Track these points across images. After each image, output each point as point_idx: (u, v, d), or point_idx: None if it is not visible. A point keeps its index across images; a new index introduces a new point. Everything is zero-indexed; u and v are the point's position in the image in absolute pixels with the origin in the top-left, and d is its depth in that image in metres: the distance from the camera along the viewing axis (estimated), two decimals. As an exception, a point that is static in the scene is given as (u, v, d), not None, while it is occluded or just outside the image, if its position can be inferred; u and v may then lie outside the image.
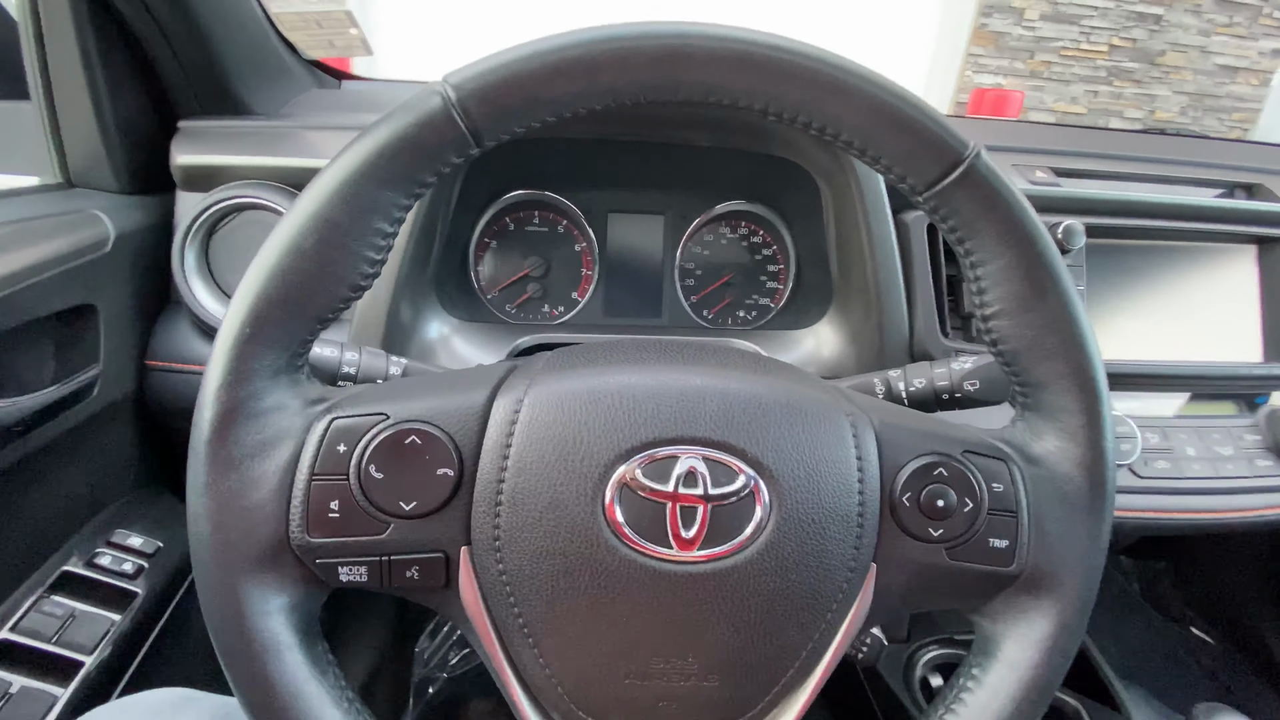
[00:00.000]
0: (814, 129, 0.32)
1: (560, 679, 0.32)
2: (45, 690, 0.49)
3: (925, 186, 0.32)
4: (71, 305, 0.56)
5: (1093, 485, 0.34)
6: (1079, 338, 0.33)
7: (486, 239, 0.73)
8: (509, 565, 0.31)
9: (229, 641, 0.30)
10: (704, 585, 0.31)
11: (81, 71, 0.61)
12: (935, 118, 0.31)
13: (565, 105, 0.31)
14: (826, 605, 0.32)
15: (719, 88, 0.31)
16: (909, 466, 0.33)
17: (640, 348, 0.36)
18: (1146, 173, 0.75)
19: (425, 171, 0.31)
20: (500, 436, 0.31)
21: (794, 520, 0.31)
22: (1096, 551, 0.34)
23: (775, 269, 0.75)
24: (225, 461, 0.30)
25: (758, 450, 0.31)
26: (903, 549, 0.33)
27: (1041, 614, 0.34)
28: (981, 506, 0.33)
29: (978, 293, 0.34)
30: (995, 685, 0.34)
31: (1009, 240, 0.32)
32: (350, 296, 0.31)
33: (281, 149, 0.64)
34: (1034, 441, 0.35)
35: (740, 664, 0.32)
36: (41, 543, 0.58)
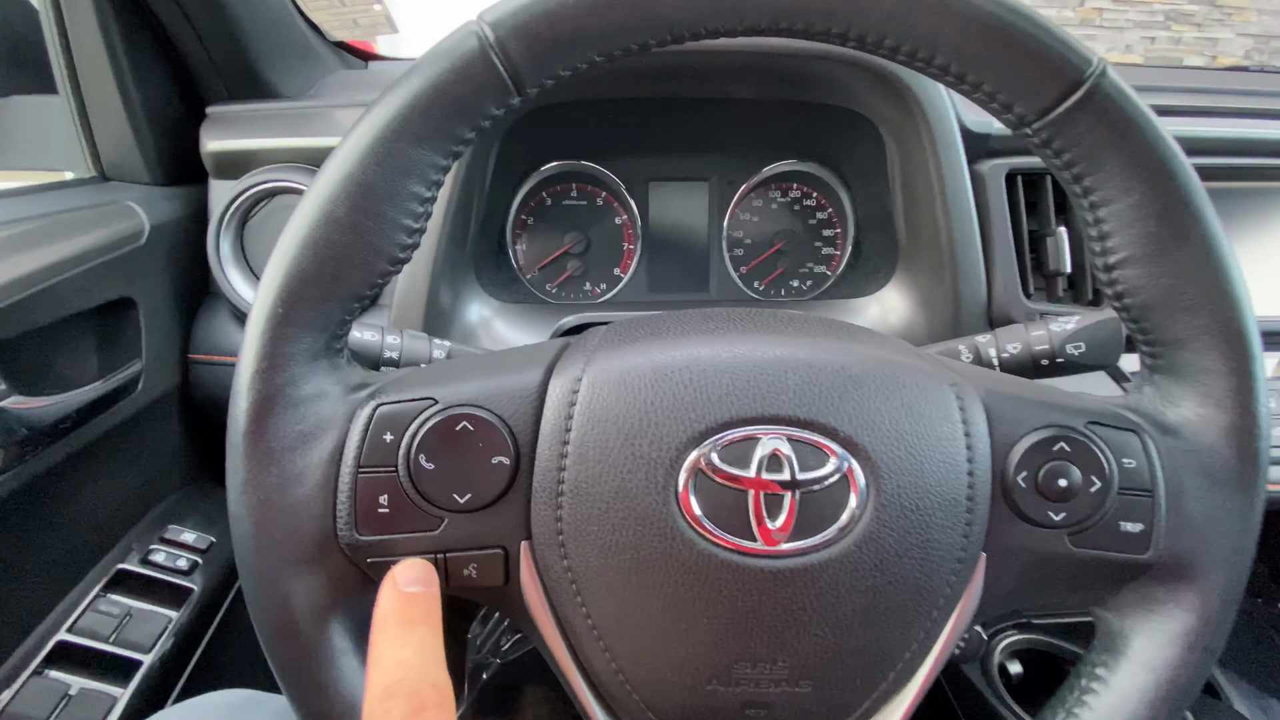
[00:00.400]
0: (903, 53, 0.27)
1: (635, 684, 0.29)
2: (105, 691, 0.49)
3: (1037, 114, 0.27)
4: (110, 299, 0.55)
5: (1243, 457, 0.29)
6: (1227, 286, 0.28)
7: (524, 216, 0.70)
8: (574, 561, 0.28)
9: (280, 649, 0.28)
10: (793, 582, 0.27)
11: (107, 62, 0.60)
12: (1052, 29, 0.26)
13: (616, 40, 0.27)
14: (932, 602, 0.29)
15: (792, 9, 0.27)
16: (1024, 442, 0.29)
17: (708, 318, 0.32)
18: (1242, 106, 0.68)
19: (463, 125, 0.28)
20: (558, 420, 0.28)
21: (894, 507, 0.28)
22: (1247, 534, 0.30)
23: (831, 234, 0.71)
24: (264, 455, 0.27)
25: (850, 428, 0.28)
26: (1018, 536, 0.30)
27: (1180, 607, 0.30)
28: (1110, 485, 0.29)
29: (1099, 238, 0.29)
30: (1126, 688, 0.30)
31: (1141, 173, 0.27)
32: (389, 270, 0.29)
33: (312, 130, 0.63)
34: (1168, 409, 0.30)
35: (835, 668, 0.29)
36: (95, 541, 0.58)
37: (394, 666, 0.23)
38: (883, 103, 0.58)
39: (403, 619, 0.25)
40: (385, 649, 0.24)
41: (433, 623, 0.25)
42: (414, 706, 0.22)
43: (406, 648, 0.24)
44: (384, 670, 0.23)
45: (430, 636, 0.25)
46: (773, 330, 0.31)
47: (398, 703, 0.22)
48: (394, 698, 0.22)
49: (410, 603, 0.25)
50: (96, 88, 0.61)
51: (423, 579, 0.27)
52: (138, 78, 0.62)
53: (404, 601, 0.25)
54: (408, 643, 0.24)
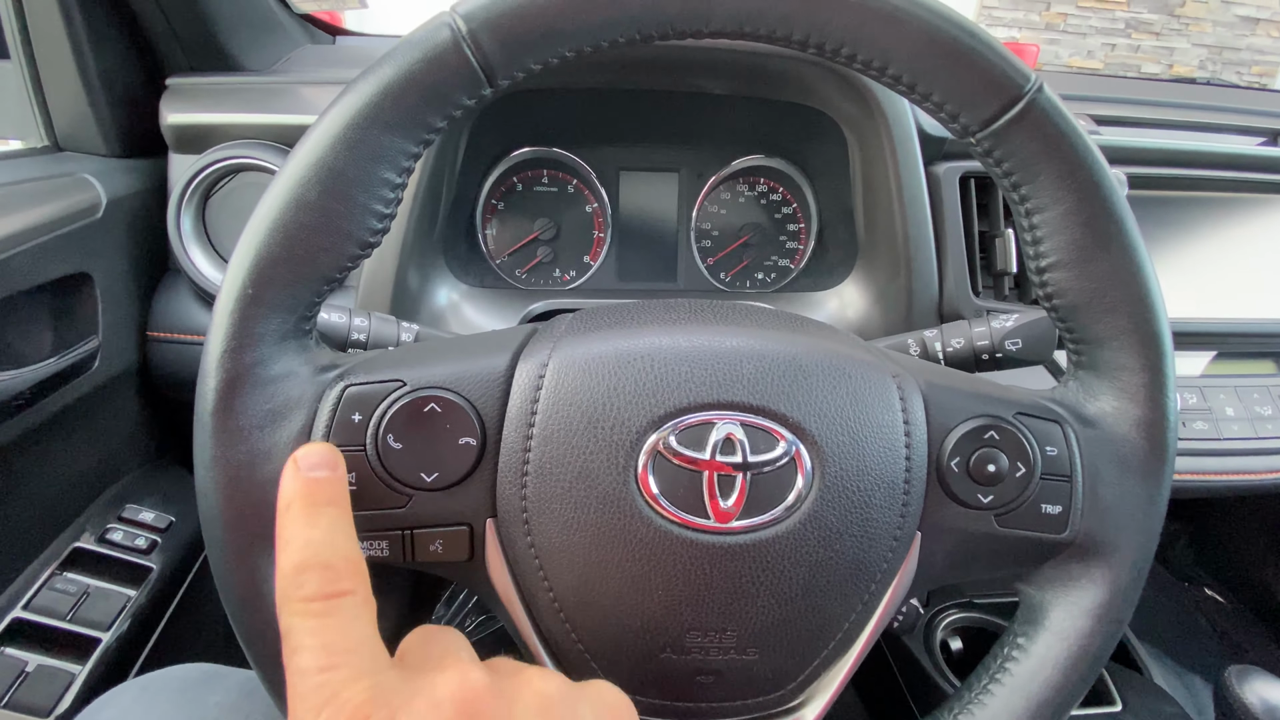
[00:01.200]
0: (859, 63, 0.29)
1: (593, 653, 0.31)
2: (62, 668, 0.49)
3: (980, 125, 0.29)
4: (65, 274, 0.54)
5: (1153, 447, 0.32)
6: (1144, 291, 0.30)
7: (494, 201, 0.70)
8: (538, 538, 0.29)
9: (248, 621, 0.29)
10: (743, 557, 0.29)
11: (63, 27, 0.58)
12: (995, 48, 0.28)
13: (587, 37, 0.28)
14: (870, 576, 0.31)
15: (755, 15, 0.28)
16: (958, 430, 0.31)
17: (670, 308, 0.34)
18: (1184, 120, 0.72)
19: (435, 115, 0.28)
20: (525, 403, 0.29)
21: (837, 488, 0.30)
22: (1154, 517, 0.33)
23: (795, 228, 0.73)
24: (233, 433, 0.28)
25: (799, 415, 0.29)
26: (950, 517, 0.32)
27: (1093, 582, 0.33)
28: (1034, 471, 0.32)
29: (1033, 243, 0.31)
30: (1044, 655, 0.33)
31: (1071, 184, 0.29)
32: (358, 254, 0.29)
33: (277, 105, 0.61)
34: (1089, 402, 0.33)
35: (780, 637, 0.31)
36: (51, 519, 0.57)
37: (303, 545, 0.22)
38: (846, 103, 0.60)
39: (308, 501, 0.24)
40: (292, 531, 0.23)
41: (340, 504, 0.24)
42: (329, 578, 0.21)
43: (315, 529, 0.23)
44: (293, 550, 0.22)
45: (339, 517, 0.24)
46: (730, 322, 0.32)
47: (311, 575, 0.21)
48: (307, 571, 0.21)
49: (315, 486, 0.24)
50: (51, 53, 0.59)
51: (327, 463, 0.25)
52: (95, 44, 0.60)
53: (308, 485, 0.24)
54: (316, 524, 0.23)
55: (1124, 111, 0.70)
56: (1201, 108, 0.76)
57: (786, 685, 0.32)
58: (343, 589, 0.22)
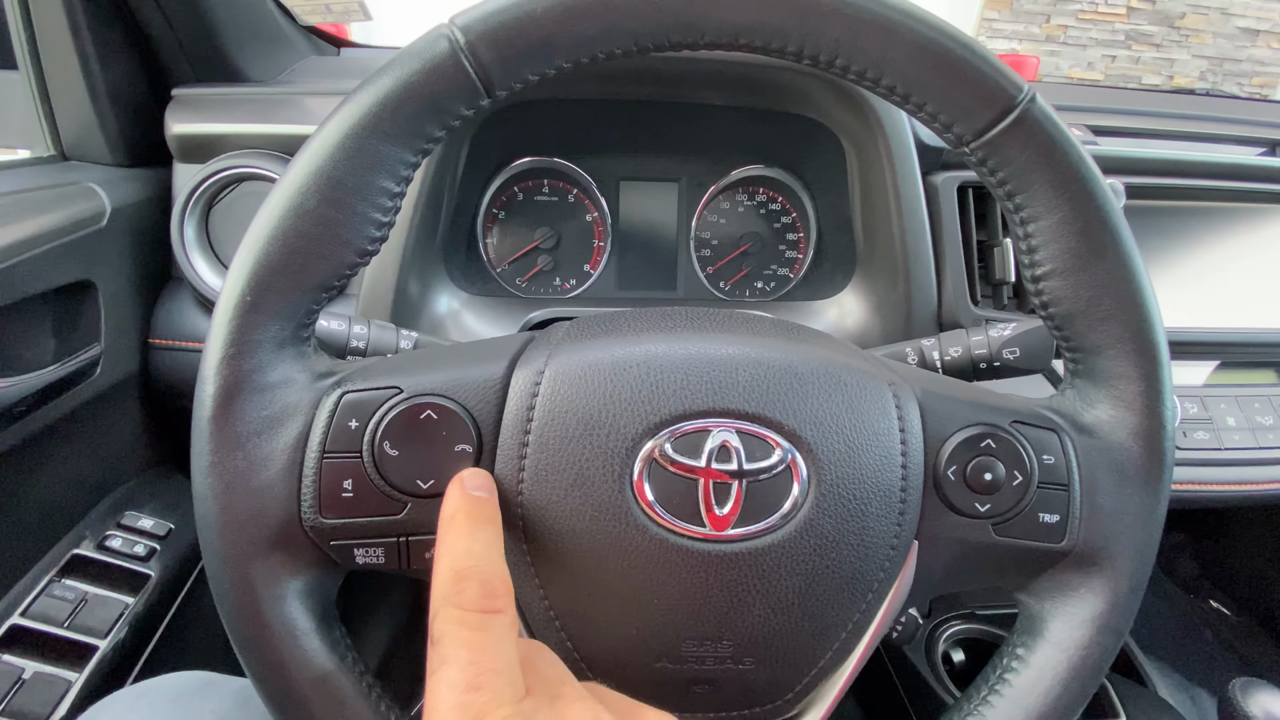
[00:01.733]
0: (853, 73, 0.29)
1: (590, 663, 0.31)
2: (59, 675, 0.49)
3: (974, 135, 0.29)
4: (69, 281, 0.54)
5: (1150, 456, 0.32)
6: (1139, 299, 0.30)
7: (495, 209, 0.71)
8: (533, 545, 0.29)
9: (243, 628, 0.29)
10: (739, 565, 0.29)
11: (70, 39, 0.59)
12: (988, 58, 0.28)
13: (583, 49, 0.28)
14: (867, 585, 0.31)
15: (750, 28, 0.28)
16: (955, 438, 0.31)
17: (666, 316, 0.34)
18: (1182, 130, 0.72)
19: (433, 125, 0.29)
20: (520, 410, 0.29)
21: (833, 496, 0.29)
22: (1152, 526, 0.32)
23: (794, 237, 0.73)
24: (230, 439, 0.28)
25: (794, 422, 0.29)
26: (947, 525, 0.32)
27: (1092, 592, 0.32)
28: (1031, 480, 0.31)
29: (1028, 251, 0.31)
30: (1043, 666, 0.32)
31: (1065, 193, 0.29)
32: (357, 262, 0.29)
33: (281, 116, 0.62)
34: (1085, 410, 0.33)
35: (777, 647, 0.31)
36: (50, 526, 0.57)
37: (465, 554, 0.23)
38: (844, 114, 0.60)
39: (471, 517, 0.25)
40: (455, 540, 0.24)
41: (497, 526, 0.26)
42: (486, 591, 0.22)
43: (476, 542, 0.24)
44: (456, 557, 0.23)
45: (496, 538, 0.25)
46: (725, 329, 0.32)
47: (471, 585, 0.22)
48: (467, 580, 0.22)
49: (477, 504, 0.26)
50: (59, 65, 0.60)
51: (486, 486, 0.27)
52: (102, 56, 0.60)
53: (472, 502, 0.26)
54: (477, 538, 0.24)
55: (1122, 122, 0.70)
56: (1200, 118, 0.76)
57: (784, 695, 0.32)
58: (497, 606, 0.22)
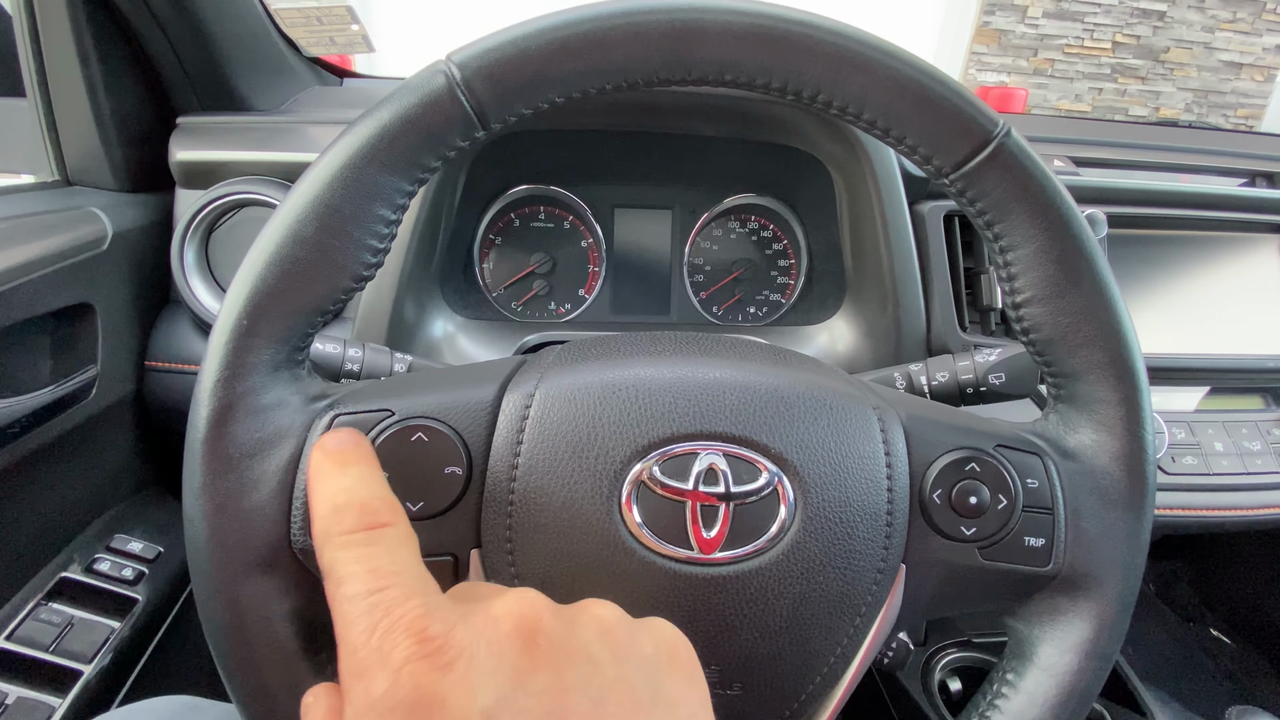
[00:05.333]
0: (835, 108, 0.30)
1: None
2: (42, 701, 0.48)
3: (953, 167, 0.30)
4: (68, 304, 0.55)
5: (1132, 480, 0.32)
6: (1116, 325, 0.31)
7: (491, 235, 0.72)
8: (521, 568, 0.30)
9: (229, 650, 0.29)
10: (726, 588, 0.29)
11: (78, 67, 0.60)
12: (964, 94, 0.30)
13: (574, 84, 0.29)
14: (855, 608, 0.31)
15: (735, 64, 0.29)
16: (939, 462, 0.32)
17: (655, 341, 0.34)
18: (1165, 161, 0.74)
19: (429, 155, 0.29)
20: (510, 434, 0.30)
21: (820, 519, 0.30)
22: (1138, 549, 0.33)
23: (786, 264, 0.74)
24: (223, 461, 0.28)
25: (781, 446, 0.30)
26: (934, 549, 0.32)
27: (1080, 616, 0.32)
28: (1016, 504, 0.32)
29: (1008, 279, 0.32)
30: (1032, 691, 0.32)
31: (1041, 223, 0.30)
32: (352, 288, 0.30)
33: (282, 144, 0.63)
34: (1069, 435, 0.33)
35: (764, 671, 0.30)
36: (39, 548, 0.56)
37: (336, 491, 0.23)
38: (833, 146, 0.62)
39: (337, 460, 0.24)
40: (324, 483, 0.23)
41: (368, 461, 0.24)
42: (366, 512, 0.22)
43: (346, 478, 0.23)
44: (326, 495, 0.22)
45: (369, 469, 0.24)
46: (713, 354, 0.33)
47: (348, 512, 0.22)
48: (344, 510, 0.22)
49: (340, 451, 0.25)
50: (66, 92, 0.61)
51: (349, 439, 0.26)
52: (108, 84, 0.62)
53: (333, 455, 0.24)
54: (347, 474, 0.23)
55: (1104, 154, 0.72)
56: (1181, 150, 0.78)
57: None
58: (382, 521, 0.22)
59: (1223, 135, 0.92)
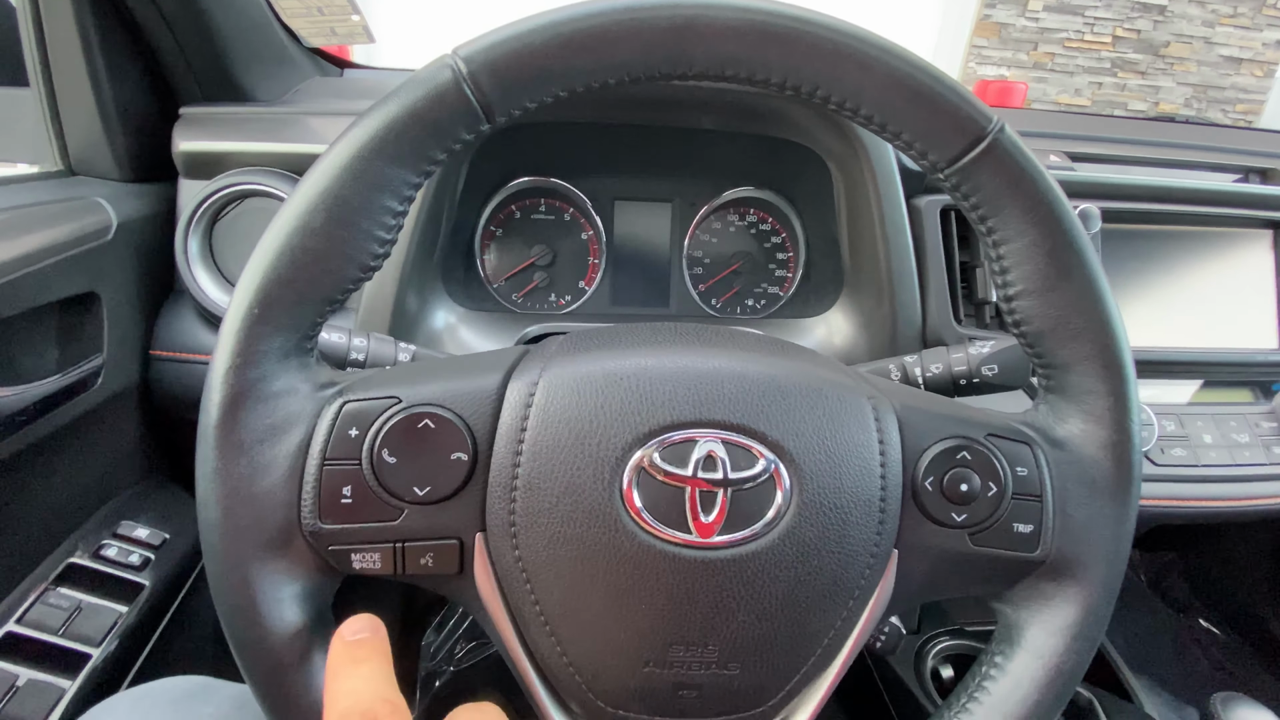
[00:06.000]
0: (833, 103, 0.31)
1: (578, 667, 0.31)
2: (52, 683, 0.49)
3: (947, 162, 0.31)
4: (74, 293, 0.55)
5: (1119, 468, 0.33)
6: (1105, 318, 0.32)
7: (493, 227, 0.72)
8: (525, 551, 0.30)
9: (241, 629, 0.29)
10: (724, 571, 0.30)
11: (81, 57, 0.60)
12: (959, 91, 0.30)
13: (579, 79, 0.30)
14: (848, 592, 0.32)
15: (735, 60, 0.30)
16: (932, 450, 0.33)
17: (656, 331, 0.35)
18: (1159, 157, 0.74)
19: (436, 148, 0.30)
20: (515, 421, 0.31)
21: (815, 505, 0.31)
22: (1123, 536, 0.34)
23: (784, 257, 0.75)
24: (235, 446, 0.29)
25: (778, 434, 0.31)
26: (925, 535, 0.33)
27: (1066, 600, 0.33)
28: (1005, 491, 0.33)
29: (1000, 272, 0.33)
30: (1019, 673, 0.33)
31: (1033, 218, 0.31)
32: (360, 278, 0.31)
33: (285, 135, 0.64)
34: (1058, 425, 0.34)
35: (761, 652, 0.31)
36: (47, 535, 0.57)
37: (346, 695, 0.24)
38: (831, 140, 0.62)
39: (351, 660, 0.26)
40: (336, 686, 0.25)
41: (380, 658, 0.26)
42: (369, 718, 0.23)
43: (356, 680, 0.25)
44: (336, 701, 0.24)
45: (378, 668, 0.26)
46: (713, 344, 0.34)
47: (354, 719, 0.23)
48: (349, 716, 0.23)
49: (356, 647, 0.26)
50: (69, 82, 0.61)
51: (366, 628, 0.27)
52: (112, 75, 0.62)
53: (350, 648, 0.26)
54: (357, 675, 0.25)
55: (1099, 149, 0.72)
56: (1177, 145, 0.79)
57: (768, 701, 0.33)
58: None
59: (1218, 131, 0.92)
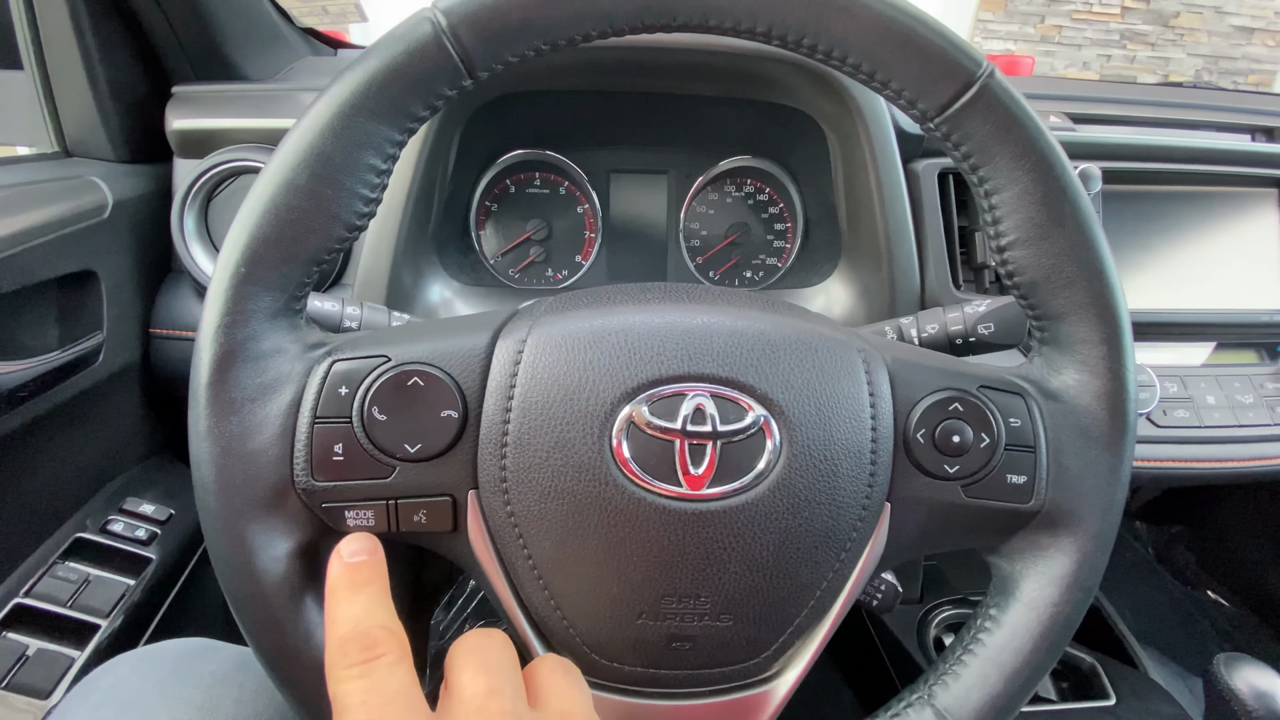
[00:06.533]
0: (820, 52, 0.30)
1: (572, 620, 0.32)
2: (61, 653, 0.50)
3: (937, 110, 0.31)
4: (72, 271, 0.56)
5: (1113, 418, 0.33)
6: (1099, 265, 0.32)
7: (487, 202, 0.72)
8: (517, 507, 0.31)
9: (238, 586, 0.30)
10: (714, 523, 0.30)
11: (74, 40, 0.60)
12: (948, 35, 0.30)
13: (560, 31, 0.30)
14: (840, 544, 0.32)
15: (718, 9, 0.29)
16: (923, 402, 0.32)
17: (644, 290, 0.35)
18: (1164, 117, 0.73)
19: (417, 104, 0.30)
20: (504, 378, 0.31)
21: (805, 457, 0.31)
22: (1117, 486, 0.33)
23: (782, 227, 0.74)
24: (226, 404, 0.29)
25: (766, 386, 0.31)
26: (918, 487, 0.33)
27: (1061, 551, 0.33)
28: (999, 442, 0.33)
29: (993, 222, 0.32)
30: (1015, 624, 0.33)
31: (1025, 164, 0.31)
32: (346, 236, 0.31)
33: (277, 111, 0.63)
34: (1052, 376, 0.34)
35: (753, 604, 0.32)
36: (54, 509, 0.58)
37: (345, 620, 0.26)
38: (826, 103, 0.61)
39: (349, 584, 0.27)
40: (336, 610, 0.26)
41: (378, 583, 0.27)
42: (367, 645, 0.24)
43: (355, 605, 0.26)
44: (337, 625, 0.26)
45: (376, 594, 0.27)
46: (701, 300, 0.34)
47: (352, 645, 0.25)
48: (349, 642, 0.25)
49: (355, 570, 0.27)
50: (62, 65, 0.61)
51: (366, 549, 0.28)
52: (104, 56, 0.62)
53: (349, 569, 0.27)
54: (355, 601, 0.26)
55: (1101, 110, 0.71)
56: (1181, 106, 0.78)
57: (761, 653, 0.33)
58: (377, 653, 0.24)
59: (1224, 94, 0.91)
